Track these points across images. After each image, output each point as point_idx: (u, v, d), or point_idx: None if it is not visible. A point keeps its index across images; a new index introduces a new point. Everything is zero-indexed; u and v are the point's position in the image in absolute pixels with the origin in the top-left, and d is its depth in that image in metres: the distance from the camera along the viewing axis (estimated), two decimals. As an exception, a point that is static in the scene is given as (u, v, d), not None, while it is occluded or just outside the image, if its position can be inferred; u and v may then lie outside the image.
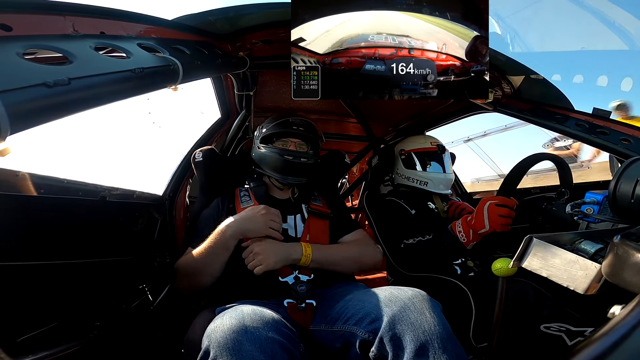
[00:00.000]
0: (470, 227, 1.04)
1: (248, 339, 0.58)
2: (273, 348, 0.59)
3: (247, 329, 0.59)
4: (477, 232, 1.02)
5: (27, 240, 0.72)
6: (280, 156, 1.09)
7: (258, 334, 0.59)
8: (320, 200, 1.17)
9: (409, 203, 1.33)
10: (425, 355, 0.59)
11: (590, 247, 0.53)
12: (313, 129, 1.15)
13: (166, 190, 1.25)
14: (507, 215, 0.98)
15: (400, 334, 0.62)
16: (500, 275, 0.76)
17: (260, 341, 0.58)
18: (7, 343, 0.65)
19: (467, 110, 1.44)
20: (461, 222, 1.08)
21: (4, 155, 0.39)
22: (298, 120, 1.13)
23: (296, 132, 1.11)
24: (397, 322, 0.63)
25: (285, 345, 0.61)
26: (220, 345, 0.57)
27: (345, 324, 0.74)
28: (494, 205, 1.00)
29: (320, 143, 1.20)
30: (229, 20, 0.86)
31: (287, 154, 1.09)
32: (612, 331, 0.32)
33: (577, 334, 0.81)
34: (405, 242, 1.21)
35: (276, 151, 1.10)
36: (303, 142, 1.14)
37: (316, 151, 1.18)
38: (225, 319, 0.62)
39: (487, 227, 0.99)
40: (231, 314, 0.64)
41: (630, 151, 0.87)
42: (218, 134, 1.49)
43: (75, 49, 0.53)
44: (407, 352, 0.60)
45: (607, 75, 1.02)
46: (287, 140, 1.13)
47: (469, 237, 1.04)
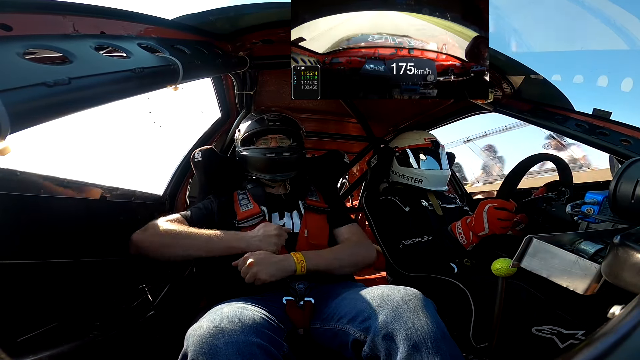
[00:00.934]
0: (470, 229, 1.04)
1: (225, 342, 0.57)
2: (251, 350, 0.58)
3: (224, 332, 0.59)
4: (477, 234, 1.02)
5: (27, 239, 0.72)
6: (262, 155, 1.07)
7: (236, 337, 0.58)
8: (317, 195, 1.16)
9: (403, 200, 1.33)
10: (418, 354, 0.58)
11: (590, 247, 0.53)
12: (290, 121, 1.14)
13: (166, 190, 1.25)
14: (506, 218, 0.98)
15: (393, 333, 0.62)
16: (500, 275, 0.76)
17: (237, 344, 0.57)
18: (7, 343, 0.65)
19: (467, 110, 1.44)
20: (461, 223, 1.08)
21: (4, 155, 0.39)
22: (273, 115, 1.12)
23: (274, 128, 1.10)
24: (389, 321, 0.63)
25: (266, 348, 0.60)
26: (197, 350, 0.57)
27: (338, 323, 0.73)
28: (493, 209, 0.99)
29: (302, 134, 1.18)
30: (229, 20, 0.86)
31: (269, 152, 1.07)
32: (612, 331, 0.32)
33: (569, 336, 0.81)
34: (404, 242, 1.20)
35: (257, 151, 1.08)
36: (284, 136, 1.12)
37: (299, 142, 1.16)
38: (202, 323, 0.62)
39: (487, 230, 0.99)
40: (209, 317, 0.63)
41: (630, 152, 0.87)
42: (218, 134, 1.50)
43: (76, 48, 0.53)
44: (400, 351, 0.59)
45: (607, 75, 1.02)
46: (267, 138, 1.11)
47: (468, 238, 1.04)
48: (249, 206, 1.04)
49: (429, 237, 1.17)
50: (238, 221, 0.99)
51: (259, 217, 1.00)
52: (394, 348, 0.61)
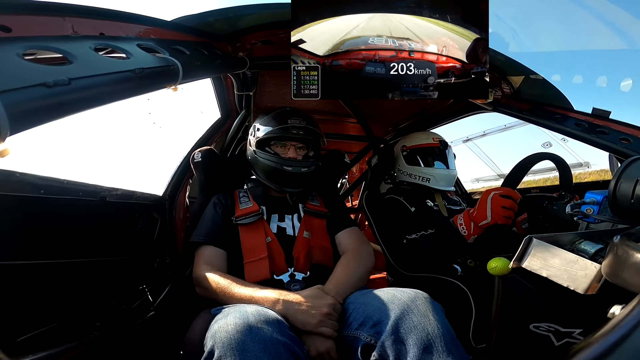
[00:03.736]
0: (471, 219, 1.03)
1: (252, 338, 0.57)
2: (277, 349, 0.58)
3: (251, 328, 0.59)
4: (478, 224, 1.01)
5: (27, 240, 0.72)
6: (278, 166, 1.02)
7: (262, 334, 0.58)
8: (318, 199, 1.16)
9: (409, 200, 1.33)
10: (429, 358, 0.58)
11: (590, 247, 0.53)
12: (314, 132, 1.07)
13: (166, 191, 1.25)
14: (510, 206, 0.96)
15: (404, 336, 0.61)
16: (495, 274, 0.76)
17: (264, 341, 0.58)
18: (7, 343, 0.65)
19: (467, 110, 1.45)
20: (463, 214, 1.07)
21: (3, 156, 0.39)
22: (299, 122, 1.04)
23: (297, 137, 1.04)
24: (400, 325, 0.63)
25: (290, 347, 0.60)
26: (225, 345, 0.57)
27: (348, 329, 0.72)
28: (498, 196, 0.98)
29: (322, 144, 1.14)
30: (229, 20, 0.86)
31: (286, 164, 1.02)
32: (612, 331, 0.32)
33: (565, 334, 0.81)
34: (408, 237, 1.19)
35: (274, 160, 1.03)
36: (303, 144, 1.08)
37: (317, 153, 1.13)
38: (229, 319, 0.61)
39: (489, 219, 0.98)
40: (235, 314, 0.63)
41: (630, 150, 0.87)
42: (218, 134, 1.50)
43: (75, 49, 0.53)
44: (410, 355, 0.59)
45: (607, 75, 1.02)
46: (286, 143, 1.06)
47: (469, 229, 1.03)
48: (248, 204, 1.04)
49: (432, 230, 1.16)
50: (236, 217, 0.99)
51: (257, 215, 0.99)
52: (404, 351, 0.61)
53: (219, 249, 0.95)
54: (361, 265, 0.96)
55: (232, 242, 0.97)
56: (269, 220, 1.02)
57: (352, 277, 0.90)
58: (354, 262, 0.96)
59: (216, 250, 0.95)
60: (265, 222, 1.00)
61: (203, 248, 0.95)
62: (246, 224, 0.98)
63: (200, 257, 0.93)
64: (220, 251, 0.95)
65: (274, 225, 1.02)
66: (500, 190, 1.00)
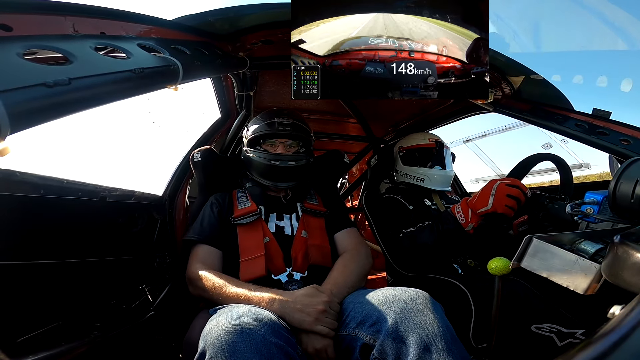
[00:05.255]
0: (469, 206, 1.02)
1: (244, 340, 0.57)
2: (270, 350, 0.57)
3: (242, 330, 0.58)
4: (477, 210, 0.99)
5: (27, 240, 0.72)
6: (266, 161, 1.04)
7: (254, 335, 0.58)
8: (317, 198, 1.16)
9: (407, 199, 1.33)
10: (429, 357, 0.58)
11: (590, 247, 0.53)
12: (301, 128, 1.09)
13: (166, 191, 1.25)
14: (516, 195, 0.95)
15: (404, 335, 0.61)
16: (495, 274, 0.76)
17: (256, 343, 0.57)
18: (7, 343, 0.65)
19: (467, 110, 1.45)
20: (461, 202, 1.07)
21: (3, 155, 0.39)
22: (285, 119, 1.07)
23: (283, 133, 1.06)
24: (400, 324, 0.62)
25: (283, 348, 0.60)
26: (216, 347, 0.57)
27: (347, 328, 0.72)
28: (504, 185, 0.97)
29: (311, 140, 1.14)
30: (229, 20, 0.86)
31: (274, 158, 1.04)
32: (612, 331, 0.32)
33: (568, 335, 0.81)
34: (404, 231, 1.19)
35: (263, 156, 1.05)
36: (292, 141, 1.09)
37: (308, 149, 1.13)
38: (220, 320, 0.61)
39: (490, 206, 0.96)
40: (227, 315, 0.63)
41: (630, 151, 0.87)
42: (218, 134, 1.50)
43: (76, 49, 0.53)
44: (410, 354, 0.59)
45: (607, 75, 1.02)
46: (274, 141, 1.08)
47: (467, 217, 1.02)
48: (247, 204, 1.04)
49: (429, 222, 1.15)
50: (234, 218, 0.99)
51: (255, 215, 0.99)
52: (404, 350, 0.60)
53: (213, 248, 0.95)
54: (359, 266, 0.96)
55: (229, 242, 0.97)
56: (267, 220, 1.03)
57: (349, 277, 0.90)
58: (351, 263, 0.96)
59: (211, 249, 0.95)
60: (263, 222, 1.00)
61: (197, 247, 0.95)
62: (244, 224, 0.98)
63: (194, 256, 0.93)
64: (215, 250, 0.95)
65: (272, 225, 1.02)
66: (507, 180, 0.99)
